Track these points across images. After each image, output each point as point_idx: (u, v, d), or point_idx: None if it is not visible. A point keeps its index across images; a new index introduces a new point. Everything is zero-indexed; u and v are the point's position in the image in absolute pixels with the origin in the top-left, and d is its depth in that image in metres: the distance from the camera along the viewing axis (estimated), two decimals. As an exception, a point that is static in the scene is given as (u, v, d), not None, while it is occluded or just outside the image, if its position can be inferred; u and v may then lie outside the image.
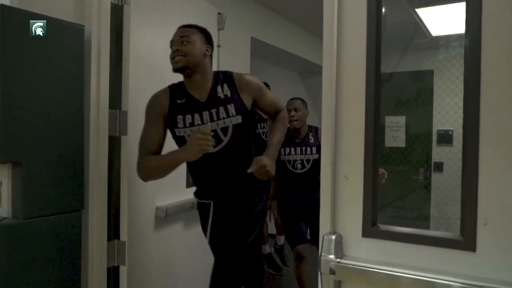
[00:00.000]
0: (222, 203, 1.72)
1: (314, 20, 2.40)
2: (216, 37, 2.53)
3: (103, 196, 1.79)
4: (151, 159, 1.62)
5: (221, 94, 1.64)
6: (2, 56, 1.45)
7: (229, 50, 2.71)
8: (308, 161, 2.66)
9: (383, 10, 1.02)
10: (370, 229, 1.00)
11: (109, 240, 1.85)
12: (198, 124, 1.61)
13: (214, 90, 1.64)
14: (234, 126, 1.62)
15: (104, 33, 1.77)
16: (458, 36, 2.43)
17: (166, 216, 2.02)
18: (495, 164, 0.88)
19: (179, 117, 1.63)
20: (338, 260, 0.99)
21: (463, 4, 0.92)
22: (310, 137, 2.72)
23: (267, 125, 3.43)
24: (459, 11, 0.98)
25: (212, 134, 1.54)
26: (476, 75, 0.89)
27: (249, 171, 1.57)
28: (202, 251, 2.45)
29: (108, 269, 1.85)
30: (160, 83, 1.72)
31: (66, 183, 1.65)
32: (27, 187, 1.53)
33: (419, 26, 2.63)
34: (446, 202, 2.76)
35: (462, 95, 0.93)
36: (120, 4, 1.88)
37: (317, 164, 2.58)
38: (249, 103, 1.67)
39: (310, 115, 4.39)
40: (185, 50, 1.58)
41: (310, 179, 2.65)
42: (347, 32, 1.03)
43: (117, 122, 1.87)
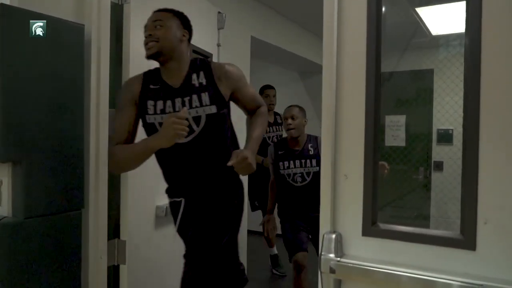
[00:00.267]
0: (193, 201, 1.59)
1: (314, 19, 2.40)
2: (216, 36, 2.53)
3: (104, 195, 1.79)
4: (122, 149, 1.51)
5: (195, 82, 1.53)
6: (2, 55, 1.46)
7: (229, 50, 2.71)
8: (308, 173, 2.55)
9: (383, 9, 1.03)
10: (370, 228, 1.01)
11: (109, 239, 1.86)
12: (169, 111, 1.51)
13: (189, 77, 1.54)
14: (208, 116, 1.50)
15: (104, 32, 1.76)
16: (458, 35, 2.42)
17: (166, 215, 2.02)
18: (495, 163, 0.88)
19: (150, 102, 1.52)
20: (338, 259, 1.00)
21: (463, 3, 0.92)
22: (310, 148, 2.60)
23: (272, 129, 3.38)
24: (459, 10, 0.98)
25: (187, 116, 1.44)
26: (476, 74, 0.89)
27: (229, 164, 1.43)
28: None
29: (108, 268, 1.86)
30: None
31: (66, 182, 1.65)
32: (27, 186, 1.53)
33: (419, 25, 2.63)
34: (446, 201, 2.76)
35: (462, 94, 0.93)
36: (120, 3, 1.88)
37: (317, 177, 2.46)
38: (227, 94, 1.56)
39: (310, 115, 4.37)
40: (158, 35, 1.48)
41: (311, 193, 2.52)
42: (347, 31, 1.03)
43: (117, 121, 1.87)
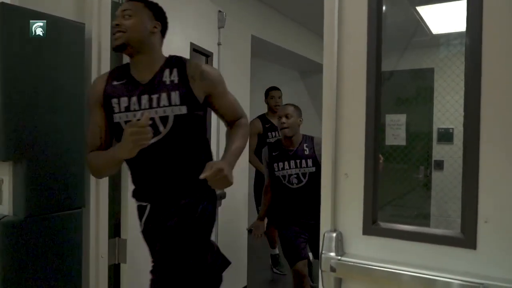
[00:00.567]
0: (159, 208, 1.46)
1: (315, 18, 2.40)
2: (216, 35, 2.53)
3: (104, 193, 1.80)
4: (94, 157, 1.43)
5: (167, 79, 1.41)
6: (3, 54, 1.46)
7: (229, 49, 2.71)
8: (304, 174, 2.43)
9: (384, 8, 1.03)
10: (371, 226, 1.01)
11: (110, 237, 1.86)
12: (134, 109, 1.40)
13: (161, 73, 1.42)
14: (176, 117, 1.38)
15: (104, 31, 1.77)
16: (459, 34, 2.42)
17: (166, 214, 2.02)
18: (496, 162, 0.88)
19: (114, 100, 1.41)
20: (339, 257, 1.00)
21: (464, 2, 0.92)
22: (305, 148, 2.46)
23: (278, 134, 3.33)
24: (460, 9, 0.99)
25: (150, 122, 1.30)
26: (477, 73, 0.89)
27: (202, 177, 1.26)
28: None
29: (109, 266, 1.86)
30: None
31: (67, 181, 1.65)
32: (28, 185, 1.53)
33: (420, 24, 2.63)
34: (446, 200, 2.76)
35: (462, 93, 0.93)
36: (120, 2, 1.88)
37: (314, 178, 2.38)
38: (200, 96, 1.43)
39: (310, 114, 4.36)
40: (126, 25, 1.38)
41: (308, 195, 2.40)
42: (348, 30, 1.04)
43: (117, 120, 1.87)
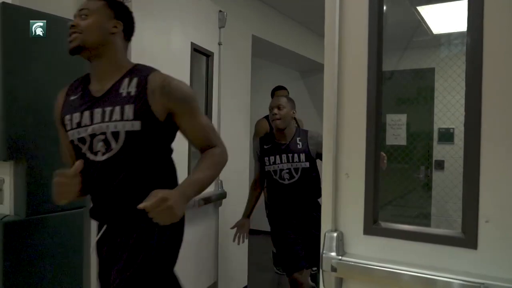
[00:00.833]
0: (113, 229, 1.34)
1: (316, 18, 2.40)
2: (217, 35, 2.53)
3: (105, 194, 1.80)
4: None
5: (124, 90, 1.26)
6: (4, 54, 1.46)
7: (230, 48, 2.71)
8: (296, 170, 2.28)
9: (384, 8, 1.03)
10: (372, 226, 1.01)
11: (110, 237, 1.86)
12: (86, 124, 1.26)
13: (119, 83, 1.28)
14: (128, 133, 1.23)
15: (105, 31, 1.76)
16: (460, 34, 2.43)
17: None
18: (497, 162, 0.88)
19: (67, 117, 1.30)
20: (340, 257, 1.00)
21: (465, 2, 0.92)
22: (298, 142, 2.32)
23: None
24: (461, 9, 0.99)
25: (102, 138, 1.23)
26: (477, 73, 0.89)
27: (140, 206, 1.11)
28: (206, 248, 2.46)
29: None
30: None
31: (67, 181, 1.65)
32: (29, 185, 1.54)
33: (420, 24, 2.63)
34: (447, 200, 2.76)
35: (463, 93, 0.93)
36: (122, 1, 1.88)
37: (307, 173, 2.29)
38: (160, 112, 1.25)
39: (311, 113, 4.35)
40: (81, 26, 1.26)
41: (301, 191, 2.29)
42: (349, 30, 1.04)
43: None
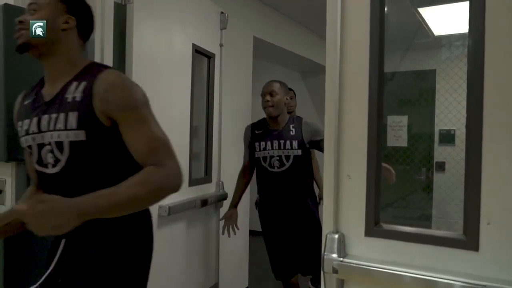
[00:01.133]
0: (74, 246, 1.20)
1: (317, 19, 2.40)
2: (218, 36, 2.53)
3: (106, 194, 1.80)
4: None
5: (69, 95, 1.11)
6: (5, 54, 1.46)
7: (231, 50, 2.71)
8: (287, 157, 2.13)
9: (386, 9, 1.03)
10: (373, 228, 1.01)
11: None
12: (33, 131, 1.15)
13: (67, 86, 1.14)
14: (72, 143, 1.09)
15: (107, 32, 1.77)
16: (461, 35, 2.42)
17: (169, 214, 2.02)
18: (498, 163, 0.88)
19: (19, 123, 1.20)
20: (341, 259, 1.00)
21: (467, 3, 0.92)
22: (291, 128, 2.17)
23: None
24: (462, 11, 0.99)
25: (50, 148, 1.12)
26: (479, 75, 0.89)
27: (15, 208, 1.01)
28: (207, 249, 2.46)
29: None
30: (161, 81, 1.71)
31: (69, 182, 1.66)
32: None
33: (422, 26, 2.63)
34: (448, 201, 2.76)
35: (464, 95, 0.93)
36: (123, 3, 1.89)
37: (299, 161, 2.14)
38: (103, 117, 1.09)
39: (312, 114, 4.35)
40: (29, 21, 1.14)
41: (291, 180, 2.15)
42: (350, 31, 1.04)
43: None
